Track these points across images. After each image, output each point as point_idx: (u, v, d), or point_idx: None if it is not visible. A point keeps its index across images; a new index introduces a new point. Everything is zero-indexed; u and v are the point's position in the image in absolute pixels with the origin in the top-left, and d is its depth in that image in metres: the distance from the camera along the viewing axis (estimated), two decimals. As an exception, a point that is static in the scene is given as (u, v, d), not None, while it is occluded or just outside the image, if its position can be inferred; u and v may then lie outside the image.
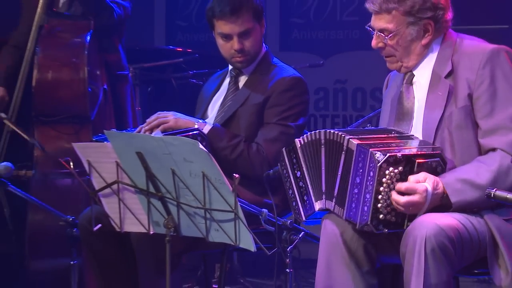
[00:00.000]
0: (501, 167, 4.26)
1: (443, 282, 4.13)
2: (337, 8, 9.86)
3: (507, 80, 4.37)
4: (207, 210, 4.36)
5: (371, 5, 4.54)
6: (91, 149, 4.74)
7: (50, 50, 6.11)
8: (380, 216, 4.24)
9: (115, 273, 5.26)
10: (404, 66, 4.57)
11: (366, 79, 9.66)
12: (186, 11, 10.43)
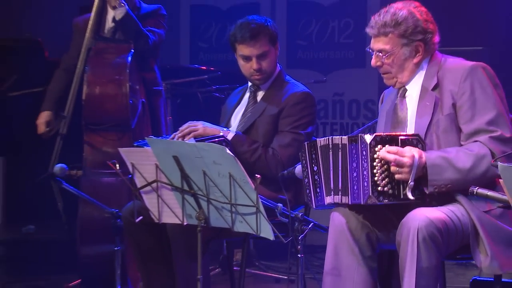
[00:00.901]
0: (478, 154, 4.25)
1: (433, 266, 4.12)
2: (335, 32, 9.78)
3: (484, 91, 4.37)
4: (233, 205, 4.36)
5: (371, 29, 4.55)
6: (134, 153, 4.74)
7: (97, 68, 6.07)
8: (379, 188, 4.23)
9: (153, 258, 5.25)
10: (398, 82, 4.56)
11: (360, 92, 9.59)
12: (207, 34, 10.36)
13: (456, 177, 4.24)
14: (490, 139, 4.30)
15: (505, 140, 4.32)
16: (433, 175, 4.23)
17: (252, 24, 5.34)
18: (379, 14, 4.52)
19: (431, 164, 4.23)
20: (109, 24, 6.35)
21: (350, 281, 4.36)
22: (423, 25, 4.49)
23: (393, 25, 4.47)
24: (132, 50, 6.16)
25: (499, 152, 4.25)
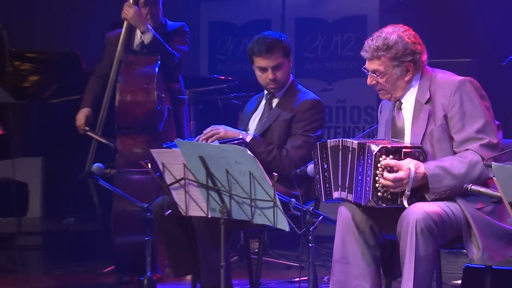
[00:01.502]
0: (471, 161, 4.25)
1: (430, 254, 4.13)
2: (338, 46, 9.78)
3: (472, 103, 4.36)
4: (253, 200, 4.37)
5: (365, 53, 4.53)
6: (165, 153, 4.77)
7: (128, 79, 6.06)
8: (379, 194, 4.22)
9: (180, 247, 5.25)
10: (393, 97, 4.55)
11: (360, 99, 9.58)
12: (224, 48, 10.35)
13: (454, 183, 4.23)
14: (480, 146, 4.30)
15: (493, 146, 4.32)
16: (434, 183, 4.23)
17: (268, 39, 5.33)
18: (372, 39, 4.51)
19: (430, 174, 4.23)
20: (138, 39, 6.33)
21: (356, 267, 4.36)
22: (412, 47, 4.47)
23: (385, 49, 4.46)
24: (159, 62, 6.14)
25: (488, 157, 4.20)
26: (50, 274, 6.65)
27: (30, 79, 7.45)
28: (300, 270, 5.38)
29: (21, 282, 5.94)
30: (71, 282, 6.43)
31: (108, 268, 6.47)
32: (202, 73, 10.11)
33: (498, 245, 4.24)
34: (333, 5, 9.87)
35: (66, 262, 7.04)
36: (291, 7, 9.96)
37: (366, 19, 9.68)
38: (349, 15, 9.81)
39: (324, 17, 9.93)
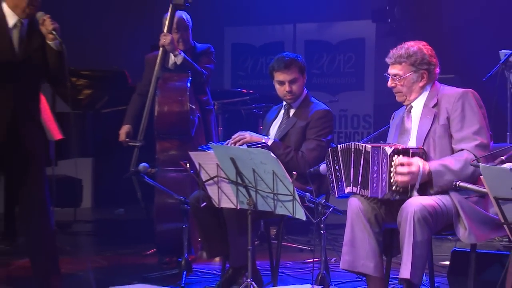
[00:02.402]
0: (466, 160, 4.24)
1: (425, 240, 4.13)
2: (341, 63, 9.77)
3: (472, 110, 4.37)
4: (275, 194, 4.41)
5: (389, 59, 4.55)
6: (201, 155, 4.79)
7: (165, 92, 6.04)
8: (393, 188, 4.22)
9: (212, 233, 5.24)
10: (407, 99, 4.55)
11: (359, 109, 9.57)
12: (244, 65, 10.35)
13: (452, 178, 4.20)
14: (474, 146, 4.30)
15: (484, 146, 4.33)
16: (436, 179, 4.23)
17: (286, 57, 5.34)
18: (396, 49, 4.54)
19: (434, 170, 4.23)
20: (172, 59, 6.27)
21: (363, 250, 4.35)
22: (428, 58, 4.50)
23: (406, 56, 4.49)
24: (190, 78, 6.11)
25: (480, 156, 4.24)
26: (102, 255, 6.60)
27: (84, 93, 7.48)
28: (313, 252, 5.38)
29: (78, 262, 5.90)
30: (120, 262, 6.41)
31: (151, 250, 6.46)
32: (226, 87, 10.08)
33: (482, 228, 4.23)
34: (336, 29, 9.87)
35: (115, 245, 7.02)
36: (301, 32, 10.04)
37: (364, 42, 9.69)
38: (350, 38, 9.80)
39: (329, 39, 9.93)
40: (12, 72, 4.70)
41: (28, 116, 4.81)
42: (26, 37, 4.77)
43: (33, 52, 4.76)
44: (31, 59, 4.76)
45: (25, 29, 4.77)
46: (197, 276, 5.68)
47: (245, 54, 10.40)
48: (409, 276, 4.09)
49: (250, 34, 10.36)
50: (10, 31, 4.72)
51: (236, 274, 5.09)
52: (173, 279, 5.51)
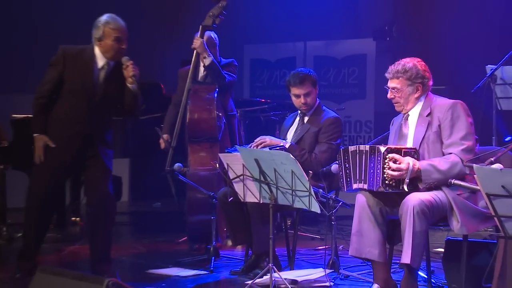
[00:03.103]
0: (453, 161, 4.26)
1: (423, 230, 4.15)
2: (345, 76, 9.76)
3: (460, 118, 4.37)
4: (293, 190, 4.41)
5: (388, 74, 4.55)
6: (229, 156, 4.81)
7: (195, 102, 6.02)
8: (386, 182, 4.25)
9: (238, 224, 5.27)
10: (404, 109, 4.55)
11: (361, 116, 9.55)
12: (261, 77, 10.34)
13: (440, 177, 4.24)
14: (461, 151, 4.30)
15: (470, 150, 4.33)
16: (425, 176, 4.24)
17: (301, 74, 5.34)
18: (394, 65, 4.54)
19: (423, 169, 4.24)
20: (201, 73, 6.28)
21: (368, 239, 4.37)
22: (422, 73, 4.50)
23: (402, 72, 4.49)
24: (216, 89, 6.09)
25: (466, 159, 4.25)
26: (140, 242, 6.64)
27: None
28: (325, 240, 5.39)
29: (120, 248, 5.95)
30: (155, 249, 6.40)
31: (182, 238, 6.44)
32: (245, 97, 10.06)
33: (472, 221, 4.23)
34: (342, 46, 9.86)
35: (151, 234, 7.03)
36: (311, 48, 10.04)
37: (366, 57, 9.67)
38: (353, 54, 9.78)
39: (334, 55, 9.91)
40: (93, 103, 4.95)
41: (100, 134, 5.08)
42: (109, 77, 4.98)
43: (112, 90, 4.98)
44: (109, 95, 4.99)
45: (110, 69, 4.98)
46: (224, 261, 5.67)
47: (262, 68, 10.40)
48: (410, 261, 4.11)
49: (266, 51, 10.37)
50: (97, 71, 4.94)
51: (258, 259, 5.12)
52: (202, 263, 5.51)
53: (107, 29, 4.91)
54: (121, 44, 4.93)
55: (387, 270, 4.46)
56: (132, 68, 4.94)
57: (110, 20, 4.95)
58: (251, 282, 4.66)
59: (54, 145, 4.95)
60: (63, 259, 5.93)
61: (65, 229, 6.88)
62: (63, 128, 4.99)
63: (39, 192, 5.00)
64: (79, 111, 4.96)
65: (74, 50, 4.99)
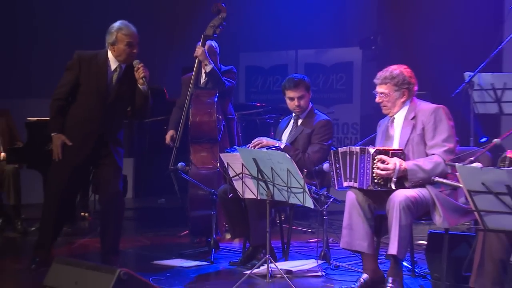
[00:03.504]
0: (436, 161, 4.27)
1: (408, 224, 4.17)
2: (334, 82, 9.81)
3: (442, 122, 4.38)
4: (289, 187, 4.43)
5: (377, 80, 4.55)
6: (229, 156, 4.83)
7: (197, 106, 6.02)
8: (375, 181, 4.26)
9: (236, 218, 5.28)
10: (391, 112, 4.55)
11: (348, 118, 9.58)
12: (255, 83, 10.37)
13: (424, 175, 4.25)
14: (443, 152, 4.32)
15: (451, 151, 4.35)
16: (411, 176, 4.26)
17: (295, 78, 5.36)
18: (382, 71, 4.55)
19: (409, 169, 4.26)
20: (202, 79, 6.27)
21: (358, 232, 4.38)
22: (408, 79, 4.51)
23: (390, 78, 4.50)
24: (217, 94, 6.09)
25: (448, 159, 4.27)
26: (144, 235, 6.65)
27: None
28: (317, 234, 5.40)
29: (126, 241, 5.93)
30: (159, 242, 6.40)
31: (184, 232, 6.45)
32: (241, 101, 10.04)
33: (453, 216, 4.25)
34: (330, 54, 9.91)
35: (154, 228, 7.03)
36: (302, 56, 10.08)
37: (352, 64, 9.72)
38: (341, 61, 9.83)
39: (324, 62, 9.96)
40: (106, 104, 4.99)
41: (113, 133, 5.09)
42: (121, 79, 5.01)
43: (124, 92, 5.01)
44: (121, 96, 5.02)
45: (122, 71, 5.01)
46: (223, 252, 5.68)
47: (256, 74, 10.44)
48: (396, 253, 4.13)
49: (260, 58, 10.40)
50: (110, 74, 4.98)
51: (255, 251, 5.14)
52: (203, 255, 5.52)
53: (120, 34, 4.96)
54: (132, 48, 4.97)
55: (375, 261, 4.47)
56: (143, 70, 4.97)
57: (122, 26, 4.99)
58: (250, 272, 4.66)
59: (71, 144, 4.97)
60: (74, 251, 5.93)
61: (75, 224, 6.87)
62: (79, 128, 5.01)
63: (57, 188, 5.02)
64: (93, 112, 4.99)
65: (88, 55, 5.03)
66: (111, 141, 5.06)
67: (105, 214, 5.09)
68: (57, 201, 5.02)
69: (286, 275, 4.59)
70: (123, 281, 3.40)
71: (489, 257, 3.61)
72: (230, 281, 4.66)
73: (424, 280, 4.71)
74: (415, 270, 4.78)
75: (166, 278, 4.78)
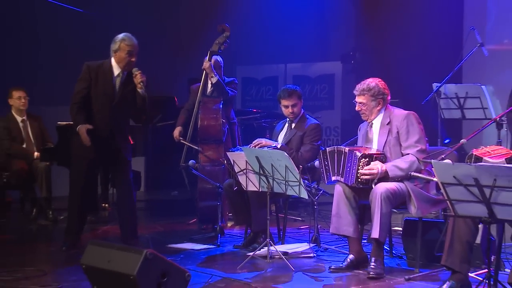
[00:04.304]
0: (411, 160, 4.34)
1: (388, 212, 4.25)
2: (318, 92, 9.75)
3: (413, 126, 4.44)
4: (287, 181, 4.47)
5: (356, 91, 4.60)
6: (234, 154, 4.87)
7: (205, 111, 6.03)
8: (359, 179, 4.33)
9: (240, 207, 5.32)
10: (369, 118, 4.60)
11: (330, 123, 9.53)
12: (250, 92, 10.33)
13: (401, 174, 4.32)
14: (416, 151, 4.38)
15: (423, 151, 4.41)
16: (391, 174, 4.33)
17: (289, 89, 5.41)
18: (360, 84, 4.60)
19: (389, 170, 4.32)
20: (209, 89, 6.26)
21: (345, 219, 4.45)
22: (383, 90, 4.57)
23: (367, 90, 4.56)
24: (222, 101, 6.10)
25: (421, 157, 4.34)
26: (156, 223, 6.65)
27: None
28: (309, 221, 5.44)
29: (142, 228, 5.84)
30: (170, 228, 6.40)
31: (192, 220, 6.47)
32: (238, 107, 9.97)
33: (425, 206, 4.35)
34: (315, 68, 9.88)
35: (163, 217, 7.02)
36: (290, 69, 10.05)
37: (334, 76, 9.69)
38: (324, 74, 9.79)
39: (309, 74, 9.92)
40: (112, 105, 5.10)
41: (120, 131, 5.19)
42: (124, 83, 5.09)
43: (127, 94, 5.10)
44: (125, 98, 5.11)
45: (124, 77, 5.08)
46: (227, 238, 5.72)
47: (250, 84, 10.38)
48: (378, 236, 4.21)
49: (254, 71, 10.37)
50: (115, 79, 5.05)
51: (256, 236, 5.20)
52: (210, 239, 5.56)
53: (123, 44, 5.05)
54: (131, 57, 5.06)
55: (360, 244, 4.55)
56: (140, 76, 5.05)
57: (125, 37, 5.08)
58: (252, 253, 4.73)
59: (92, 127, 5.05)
60: (97, 236, 5.96)
61: (98, 213, 6.90)
62: (92, 128, 5.10)
63: (79, 179, 5.14)
64: (103, 113, 5.10)
65: (95, 64, 5.13)
66: (119, 137, 5.15)
67: (120, 201, 5.19)
68: (79, 190, 5.13)
69: (284, 256, 4.65)
70: (149, 260, 3.46)
71: (458, 239, 3.68)
72: (235, 261, 4.72)
73: (400, 260, 4.79)
74: (392, 252, 4.86)
75: (180, 259, 4.83)
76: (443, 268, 3.92)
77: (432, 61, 8.10)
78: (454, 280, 3.71)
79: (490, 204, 3.13)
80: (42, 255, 5.31)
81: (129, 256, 3.50)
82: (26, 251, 5.35)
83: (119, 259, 3.53)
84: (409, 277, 4.22)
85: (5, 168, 6.70)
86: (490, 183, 3.06)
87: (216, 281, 4.15)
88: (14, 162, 6.67)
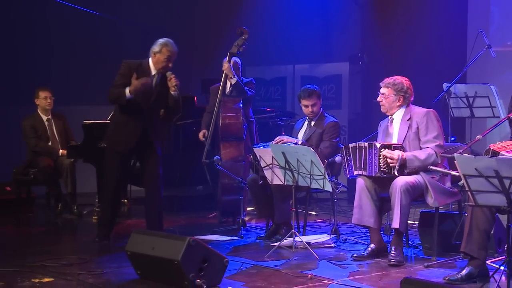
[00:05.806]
0: (429, 153, 4.51)
1: (407, 204, 4.42)
2: (325, 91, 9.68)
3: (432, 122, 4.61)
4: (312, 175, 4.65)
5: (382, 83, 4.77)
6: (261, 150, 5.02)
7: (226, 110, 6.10)
8: (381, 169, 4.49)
9: (263, 201, 5.43)
10: (388, 112, 4.76)
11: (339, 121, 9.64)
12: (259, 92, 10.21)
13: (419, 164, 4.49)
14: (435, 146, 4.56)
15: (441, 146, 4.59)
16: (409, 164, 4.49)
17: (309, 89, 5.55)
18: (389, 78, 4.76)
19: (408, 158, 4.49)
20: (228, 88, 6.37)
21: (366, 211, 4.62)
22: (406, 89, 4.73)
23: (392, 84, 4.73)
24: (241, 101, 6.20)
25: (439, 152, 4.51)
26: (179, 217, 6.75)
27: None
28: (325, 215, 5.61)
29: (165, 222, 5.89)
30: (192, 222, 6.52)
31: (212, 214, 6.61)
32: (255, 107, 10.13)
33: (442, 197, 4.53)
34: (322, 68, 9.93)
35: (186, 212, 7.08)
36: (298, 70, 10.06)
37: (341, 77, 9.70)
38: (332, 74, 9.83)
39: (317, 75, 9.95)
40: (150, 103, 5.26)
41: (154, 127, 5.34)
42: (160, 83, 5.27)
43: (161, 94, 5.27)
44: (159, 97, 5.27)
45: (159, 78, 5.25)
46: (249, 230, 5.87)
47: (260, 84, 10.16)
48: (398, 226, 4.40)
49: (264, 71, 10.42)
50: (152, 78, 5.23)
51: (278, 228, 5.36)
52: (233, 231, 5.71)
53: (164, 49, 5.22)
54: (169, 62, 5.23)
55: (379, 233, 4.74)
56: (175, 80, 5.23)
57: (168, 43, 5.26)
58: (278, 243, 4.92)
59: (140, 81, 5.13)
60: (121, 230, 6.04)
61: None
62: (126, 124, 5.27)
63: (113, 173, 5.30)
64: (139, 110, 5.24)
65: (135, 63, 5.27)
66: (152, 134, 5.29)
67: (149, 195, 5.32)
68: (113, 184, 5.29)
69: (308, 246, 4.83)
70: (192, 246, 3.68)
71: (476, 228, 3.87)
72: (259, 251, 4.92)
73: (416, 249, 4.98)
74: (409, 242, 5.05)
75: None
76: (459, 256, 4.13)
77: (437, 62, 8.17)
78: (473, 266, 3.90)
79: (509, 194, 3.32)
80: (77, 245, 5.53)
81: (173, 243, 3.71)
82: (61, 241, 5.57)
83: (164, 246, 3.73)
84: (428, 264, 4.43)
85: (32, 165, 6.91)
86: (510, 174, 3.26)
87: (248, 268, 4.34)
88: (40, 159, 6.86)
